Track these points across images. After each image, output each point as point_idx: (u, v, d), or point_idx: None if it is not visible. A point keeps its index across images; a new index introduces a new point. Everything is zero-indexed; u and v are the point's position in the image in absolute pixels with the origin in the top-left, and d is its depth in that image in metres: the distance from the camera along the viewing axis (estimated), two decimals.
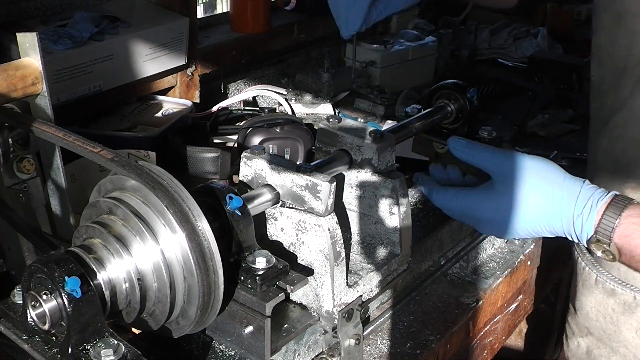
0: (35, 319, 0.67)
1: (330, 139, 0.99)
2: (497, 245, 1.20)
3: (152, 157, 1.20)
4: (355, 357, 0.89)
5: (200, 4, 3.95)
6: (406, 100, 1.74)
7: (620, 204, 0.89)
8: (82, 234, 0.74)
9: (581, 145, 1.59)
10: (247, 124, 1.36)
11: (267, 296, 0.76)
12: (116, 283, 0.71)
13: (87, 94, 1.33)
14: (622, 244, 0.89)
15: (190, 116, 1.46)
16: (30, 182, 0.94)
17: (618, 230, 0.88)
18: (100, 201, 0.74)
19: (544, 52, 2.08)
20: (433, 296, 1.08)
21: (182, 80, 1.57)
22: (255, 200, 0.84)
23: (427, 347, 0.97)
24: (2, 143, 0.87)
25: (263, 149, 0.90)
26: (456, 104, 1.21)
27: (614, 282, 1.07)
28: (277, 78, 1.88)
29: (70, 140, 0.77)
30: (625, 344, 1.08)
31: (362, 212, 0.99)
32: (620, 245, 0.89)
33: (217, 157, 1.27)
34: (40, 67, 0.89)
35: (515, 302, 1.24)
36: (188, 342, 0.84)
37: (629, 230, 0.88)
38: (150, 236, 0.70)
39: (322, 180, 0.83)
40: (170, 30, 1.45)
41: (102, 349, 0.66)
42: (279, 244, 0.89)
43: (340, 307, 0.86)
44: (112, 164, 0.73)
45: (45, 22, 1.34)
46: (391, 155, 0.99)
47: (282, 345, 0.81)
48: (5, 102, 0.87)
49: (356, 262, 0.96)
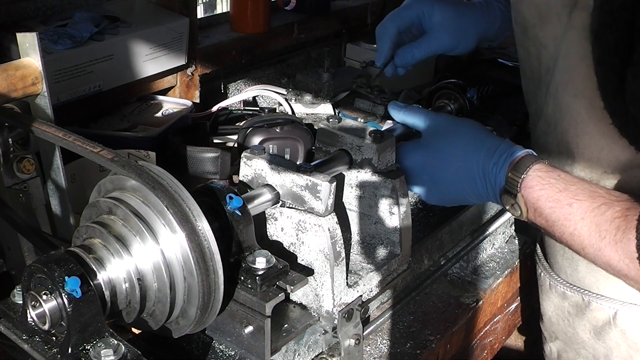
0: (35, 319, 0.67)
1: (330, 139, 0.99)
2: (497, 245, 1.20)
3: (152, 157, 1.20)
4: (355, 357, 0.89)
5: (200, 4, 3.96)
6: (406, 100, 1.73)
7: (531, 159, 0.92)
8: (82, 234, 0.74)
9: None
10: (247, 124, 1.36)
11: (267, 296, 0.76)
12: (116, 283, 0.71)
13: (87, 94, 1.33)
14: (526, 196, 0.91)
15: (190, 116, 1.45)
16: (30, 182, 0.93)
17: (524, 183, 0.91)
18: (100, 201, 0.74)
19: None
20: (433, 296, 1.08)
21: (182, 80, 1.57)
22: (255, 200, 0.84)
23: (427, 347, 0.97)
24: (2, 143, 0.86)
25: (263, 149, 0.90)
26: (456, 104, 1.21)
27: (563, 285, 1.09)
28: (277, 78, 1.87)
29: (70, 140, 0.77)
30: (583, 346, 1.08)
31: (362, 212, 0.99)
32: (526, 197, 0.91)
33: (217, 157, 1.27)
34: (40, 67, 0.89)
35: (515, 302, 1.24)
36: (188, 342, 0.84)
37: (533, 182, 0.91)
38: (150, 236, 0.70)
39: (322, 180, 0.83)
40: (170, 30, 1.45)
41: (102, 349, 0.66)
42: (279, 244, 0.89)
43: (340, 307, 0.86)
44: (112, 164, 0.73)
45: (45, 22, 1.34)
46: (391, 155, 0.99)
47: (282, 345, 0.81)
48: (5, 102, 0.87)
49: (356, 262, 0.96)
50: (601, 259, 0.87)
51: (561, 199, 0.89)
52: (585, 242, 0.87)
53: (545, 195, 0.90)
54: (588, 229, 0.87)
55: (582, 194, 0.88)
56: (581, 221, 0.87)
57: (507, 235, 1.21)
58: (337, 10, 2.01)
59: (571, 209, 0.88)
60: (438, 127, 1.02)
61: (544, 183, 0.90)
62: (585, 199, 0.87)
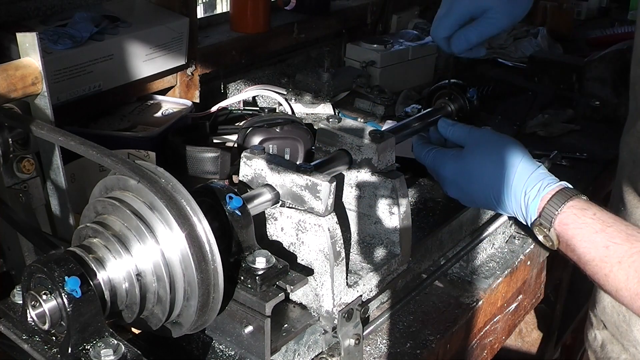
0: (35, 319, 0.67)
1: (330, 139, 0.99)
2: (497, 245, 1.20)
3: (152, 157, 1.20)
4: (355, 357, 0.89)
5: (200, 4, 3.95)
6: (406, 100, 1.74)
7: (567, 194, 0.93)
8: (82, 234, 0.74)
9: (581, 145, 1.59)
10: (247, 124, 1.36)
11: (267, 296, 0.76)
12: (116, 283, 0.71)
13: (87, 94, 1.33)
14: (560, 231, 0.92)
15: (190, 116, 1.45)
16: (30, 182, 0.93)
17: (559, 218, 0.92)
18: (100, 201, 0.74)
19: (544, 52, 2.08)
20: (433, 296, 1.08)
21: (182, 80, 1.57)
22: (255, 200, 0.84)
23: (427, 347, 0.97)
24: (2, 143, 0.86)
25: (263, 149, 0.90)
26: (456, 104, 1.21)
27: None
28: (277, 78, 1.88)
29: (70, 140, 0.77)
30: (634, 344, 1.08)
31: (361, 212, 0.99)
32: (559, 232, 0.92)
33: (217, 157, 1.27)
34: (40, 67, 0.89)
35: (515, 302, 1.24)
36: (188, 342, 0.84)
37: (568, 219, 0.91)
38: (150, 236, 0.70)
39: (322, 180, 0.83)
40: (170, 30, 1.45)
41: (102, 348, 0.66)
42: (279, 244, 0.89)
43: (340, 307, 0.86)
44: (112, 164, 0.73)
45: (45, 22, 1.34)
46: (391, 155, 0.99)
47: (282, 345, 0.81)
48: (5, 102, 0.87)
49: (356, 262, 0.96)
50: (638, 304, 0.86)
51: (597, 240, 0.88)
52: (621, 285, 0.87)
53: (580, 235, 0.90)
54: (625, 273, 0.86)
55: (619, 236, 0.87)
56: (617, 265, 0.86)
57: (507, 235, 1.21)
58: (337, 10, 2.01)
59: (607, 251, 0.87)
60: (475, 142, 1.04)
61: (579, 222, 0.90)
62: (623, 242, 0.87)
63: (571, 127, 1.68)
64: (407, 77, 1.89)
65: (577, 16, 2.55)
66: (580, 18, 2.59)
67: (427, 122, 1.16)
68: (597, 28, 2.37)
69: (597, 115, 1.73)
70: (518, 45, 2.15)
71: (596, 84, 1.74)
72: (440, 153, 1.07)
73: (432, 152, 1.08)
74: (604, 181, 1.53)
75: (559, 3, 2.35)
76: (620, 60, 1.70)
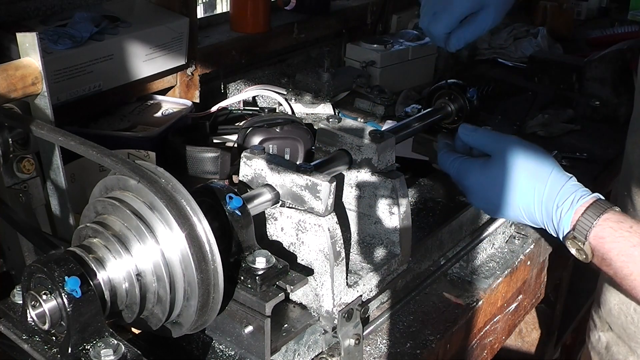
0: (35, 319, 0.67)
1: (330, 139, 0.99)
2: (497, 245, 1.20)
3: (152, 157, 1.20)
4: (355, 357, 0.89)
5: (200, 4, 3.95)
6: (406, 100, 1.74)
7: (602, 207, 0.90)
8: (82, 234, 0.74)
9: (581, 145, 1.59)
10: (247, 124, 1.36)
11: (267, 296, 0.76)
12: (116, 283, 0.71)
13: (87, 94, 1.33)
14: (595, 245, 0.90)
15: (190, 116, 1.45)
16: (30, 182, 0.93)
17: (594, 231, 0.89)
18: (101, 201, 0.74)
19: (544, 52, 2.08)
20: (433, 296, 1.08)
21: (182, 80, 1.57)
22: (255, 200, 0.84)
23: (427, 347, 0.97)
24: (2, 143, 0.86)
25: (263, 149, 0.90)
26: (456, 104, 1.21)
27: None
28: (277, 78, 1.88)
29: (70, 140, 0.77)
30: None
31: (361, 212, 0.99)
32: (594, 246, 0.90)
33: (217, 157, 1.27)
34: (40, 67, 0.89)
35: (515, 302, 1.24)
36: (188, 342, 0.84)
37: (604, 232, 0.89)
38: (150, 236, 0.70)
39: (322, 180, 0.83)
40: (170, 30, 1.45)
41: (102, 348, 0.66)
42: (279, 244, 0.89)
43: (340, 307, 0.86)
44: (112, 164, 0.73)
45: (45, 22, 1.34)
46: (391, 155, 0.99)
47: (282, 345, 0.81)
48: (5, 102, 0.87)
49: (356, 262, 0.96)
50: None
51: (635, 254, 0.87)
52: None
53: (617, 249, 0.88)
54: None
55: None
56: None
57: (507, 235, 1.21)
58: (337, 10, 2.02)
59: None
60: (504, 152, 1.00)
61: (616, 235, 0.88)
62: None
63: (571, 127, 1.68)
64: (407, 77, 1.89)
65: (577, 16, 2.55)
66: (580, 18, 2.59)
67: (427, 122, 1.16)
68: (597, 28, 2.37)
69: (597, 115, 1.73)
70: (518, 45, 2.15)
71: (596, 84, 1.74)
72: (466, 163, 1.03)
73: (458, 162, 1.04)
74: (604, 181, 1.53)
75: (559, 3, 2.35)
76: (620, 60, 1.71)
